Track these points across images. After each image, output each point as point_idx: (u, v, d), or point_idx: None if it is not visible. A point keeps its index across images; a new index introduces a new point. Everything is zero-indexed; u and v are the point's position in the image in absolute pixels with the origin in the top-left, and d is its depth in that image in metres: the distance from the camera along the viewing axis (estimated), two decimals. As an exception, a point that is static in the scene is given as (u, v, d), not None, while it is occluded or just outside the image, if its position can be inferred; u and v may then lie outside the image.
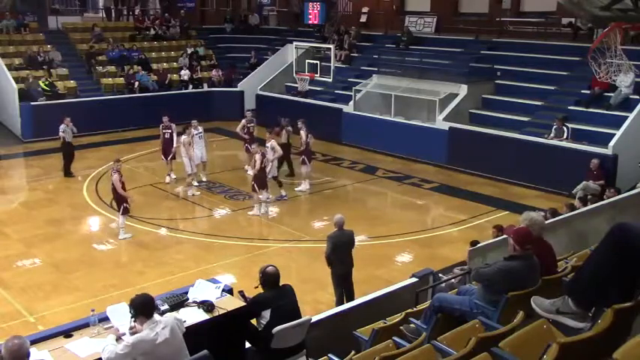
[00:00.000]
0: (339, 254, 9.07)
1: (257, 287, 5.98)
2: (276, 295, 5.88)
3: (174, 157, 15.56)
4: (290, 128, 15.79)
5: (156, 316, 4.90)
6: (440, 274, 8.69)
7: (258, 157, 13.36)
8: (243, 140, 16.68)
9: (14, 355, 4.01)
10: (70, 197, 14.80)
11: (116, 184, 12.00)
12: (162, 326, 4.80)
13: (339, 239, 9.07)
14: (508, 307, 4.81)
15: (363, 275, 9.79)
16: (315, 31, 24.64)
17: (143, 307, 4.87)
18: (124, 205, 12.12)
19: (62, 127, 15.87)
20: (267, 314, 5.73)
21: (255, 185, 13.34)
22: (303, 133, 15.04)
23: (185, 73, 23.34)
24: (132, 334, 4.94)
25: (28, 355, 4.12)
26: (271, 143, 14.15)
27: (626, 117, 14.85)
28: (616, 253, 3.61)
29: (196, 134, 15.26)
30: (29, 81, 20.10)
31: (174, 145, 15.37)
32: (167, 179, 15.72)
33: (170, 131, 15.49)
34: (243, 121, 16.72)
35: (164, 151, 15.66)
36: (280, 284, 6.04)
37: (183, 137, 14.76)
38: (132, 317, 5.01)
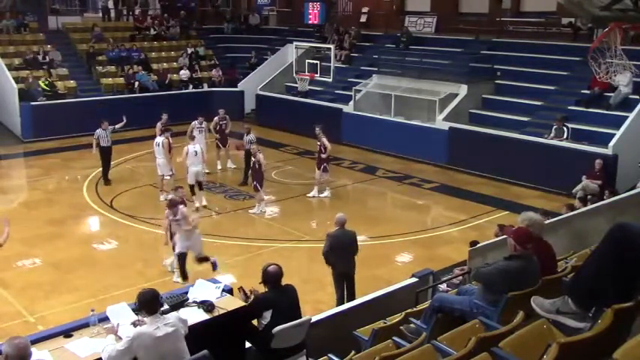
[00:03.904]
0: (339, 254, 9.00)
1: (261, 283, 5.98)
2: (277, 296, 5.88)
3: None
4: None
5: (159, 314, 4.94)
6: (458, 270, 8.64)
7: (261, 156, 13.46)
8: (215, 138, 16.77)
9: (22, 352, 4.03)
10: (70, 197, 14.80)
11: (164, 223, 10.40)
12: (164, 322, 4.84)
13: (338, 239, 9.01)
14: (508, 307, 4.80)
15: (363, 275, 9.76)
16: (315, 31, 24.65)
17: (147, 303, 4.92)
18: (173, 242, 10.30)
19: (98, 131, 15.14)
20: (268, 315, 5.74)
21: (257, 185, 13.48)
22: (325, 139, 14.46)
23: (185, 73, 23.35)
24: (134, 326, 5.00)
25: (30, 355, 4.15)
26: None
27: (626, 117, 14.86)
28: (616, 253, 3.61)
29: (197, 128, 15.77)
30: (29, 81, 20.10)
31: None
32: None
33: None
34: (216, 118, 16.79)
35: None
36: (283, 284, 6.03)
37: (161, 139, 14.27)
38: (136, 311, 5.05)
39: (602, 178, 13.50)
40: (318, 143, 14.54)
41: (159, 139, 14.31)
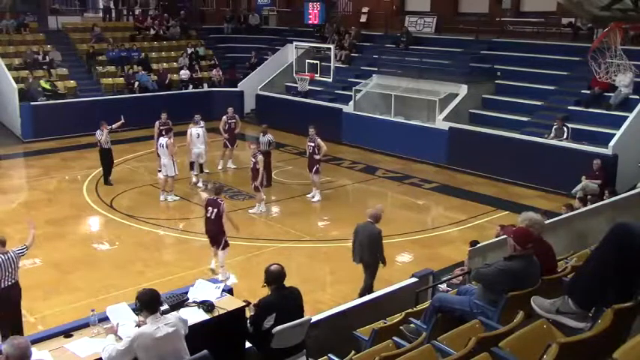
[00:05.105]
0: (358, 246, 9.28)
1: (264, 286, 5.97)
2: (280, 299, 5.84)
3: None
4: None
5: (160, 314, 4.94)
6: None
7: (260, 157, 13.45)
8: (224, 138, 16.72)
9: (22, 352, 4.06)
10: (70, 197, 14.80)
11: (224, 215, 10.39)
12: (164, 322, 4.84)
13: (358, 228, 9.30)
14: (508, 307, 4.81)
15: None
16: (315, 31, 24.65)
17: (148, 303, 4.91)
18: (226, 238, 10.58)
19: (97, 132, 15.01)
20: (271, 318, 5.72)
21: (257, 185, 13.47)
22: (319, 140, 14.30)
23: (185, 73, 23.36)
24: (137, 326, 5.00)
25: (31, 355, 4.17)
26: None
27: (626, 117, 14.86)
28: (616, 252, 3.62)
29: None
30: (29, 81, 20.11)
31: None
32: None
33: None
34: (225, 117, 16.77)
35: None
36: (287, 285, 6.01)
37: (165, 139, 14.11)
38: (136, 311, 5.05)
39: (602, 178, 13.51)
40: (311, 144, 14.38)
41: (162, 141, 14.22)
